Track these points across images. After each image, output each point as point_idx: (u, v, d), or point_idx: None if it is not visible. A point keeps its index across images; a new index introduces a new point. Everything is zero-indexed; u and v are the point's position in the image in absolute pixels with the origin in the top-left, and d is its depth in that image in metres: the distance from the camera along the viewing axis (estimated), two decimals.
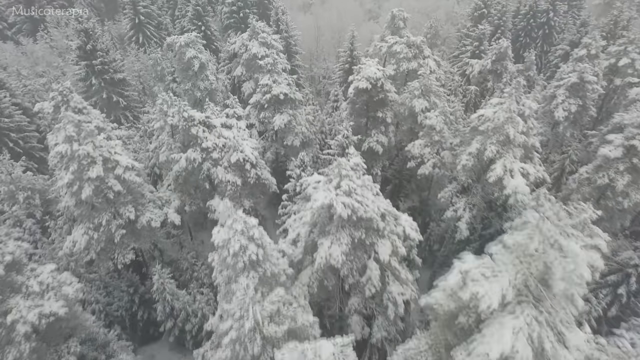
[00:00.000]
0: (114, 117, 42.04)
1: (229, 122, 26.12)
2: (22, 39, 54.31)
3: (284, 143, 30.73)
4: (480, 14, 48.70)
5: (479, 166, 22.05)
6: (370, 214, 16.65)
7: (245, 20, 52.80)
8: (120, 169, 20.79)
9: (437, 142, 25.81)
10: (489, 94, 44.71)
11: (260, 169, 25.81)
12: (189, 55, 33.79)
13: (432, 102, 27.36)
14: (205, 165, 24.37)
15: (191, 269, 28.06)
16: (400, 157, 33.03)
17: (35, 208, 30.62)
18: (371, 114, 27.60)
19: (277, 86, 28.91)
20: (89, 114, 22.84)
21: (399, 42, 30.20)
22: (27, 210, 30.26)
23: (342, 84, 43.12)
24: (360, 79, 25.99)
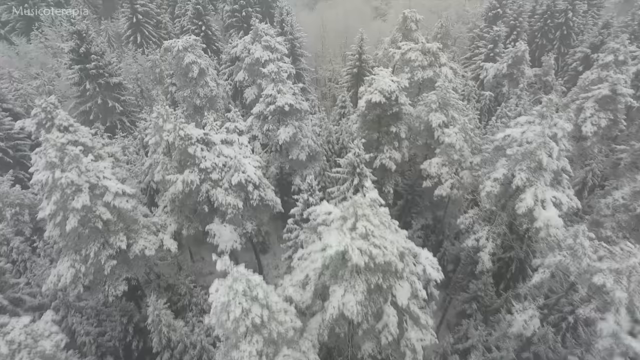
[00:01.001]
0: (109, 123, 40.10)
1: (229, 137, 24.07)
2: (14, 39, 52.13)
3: (289, 157, 28.68)
4: (494, 14, 46.28)
5: (505, 193, 19.97)
6: (389, 257, 14.66)
7: (247, 20, 50.53)
8: (109, 195, 18.81)
9: (456, 161, 23.71)
10: (504, 99, 42.50)
11: (263, 189, 23.80)
12: (188, 60, 31.72)
13: (450, 116, 25.24)
14: (203, 187, 22.37)
15: (189, 293, 26.16)
16: (414, 171, 30.96)
17: (25, 225, 28.83)
18: (384, 128, 25.50)
19: (282, 97, 26.79)
20: (76, 131, 20.82)
21: (413, 49, 27.99)
22: (16, 228, 28.48)
23: (349, 88, 40.95)
24: (372, 91, 23.85)
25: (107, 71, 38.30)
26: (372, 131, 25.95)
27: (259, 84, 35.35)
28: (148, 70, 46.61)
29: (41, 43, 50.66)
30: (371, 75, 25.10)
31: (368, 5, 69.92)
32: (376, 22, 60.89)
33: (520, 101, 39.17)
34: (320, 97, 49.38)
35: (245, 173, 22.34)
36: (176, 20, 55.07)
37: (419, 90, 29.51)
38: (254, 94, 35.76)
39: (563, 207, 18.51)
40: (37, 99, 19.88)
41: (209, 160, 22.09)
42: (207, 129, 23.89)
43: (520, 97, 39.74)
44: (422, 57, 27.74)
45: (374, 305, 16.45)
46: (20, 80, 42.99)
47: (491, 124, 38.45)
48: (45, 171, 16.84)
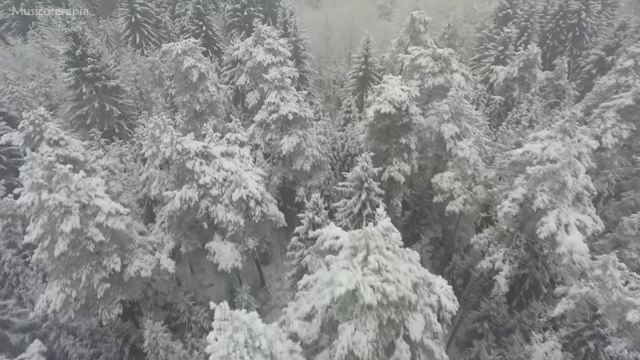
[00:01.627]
0: (107, 128, 38.87)
1: (230, 149, 22.82)
2: (10, 39, 50.80)
3: (293, 167, 27.42)
4: (504, 15, 44.71)
5: (524, 214, 18.69)
6: (402, 292, 13.46)
7: (249, 20, 49.13)
8: (102, 215, 17.62)
9: (470, 176, 22.41)
10: (515, 104, 41.06)
11: (266, 205, 22.58)
12: (187, 64, 30.39)
13: (463, 127, 23.91)
14: (203, 203, 21.15)
15: (189, 311, 25.01)
16: (422, 181, 29.67)
17: (17, 237, 27.70)
18: (393, 139, 24.18)
19: (286, 105, 25.48)
20: (67, 145, 19.56)
21: (423, 55, 26.61)
22: (8, 240, 27.36)
23: (355, 92, 39.57)
24: (382, 101, 22.52)
25: (105, 74, 37.00)
26: (381, 142, 24.64)
27: (261, 88, 34.06)
28: (147, 72, 45.31)
29: (38, 43, 49.33)
30: (380, 83, 23.74)
31: (373, 3, 68.21)
32: (381, 21, 59.22)
33: (532, 106, 37.75)
34: (324, 100, 48.00)
35: (246, 189, 21.12)
36: (176, 20, 53.64)
37: (429, 97, 28.15)
38: (255, 98, 34.47)
39: (587, 230, 17.23)
40: (25, 112, 18.63)
41: (209, 175, 20.86)
42: (207, 140, 22.64)
43: (531, 102, 38.32)
44: (432, 63, 26.38)
45: (385, 339, 15.22)
46: (15, 82, 41.67)
47: (501, 130, 37.17)
48: (31, 192, 15.62)
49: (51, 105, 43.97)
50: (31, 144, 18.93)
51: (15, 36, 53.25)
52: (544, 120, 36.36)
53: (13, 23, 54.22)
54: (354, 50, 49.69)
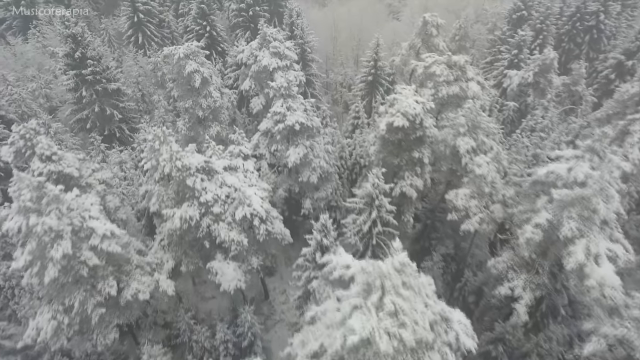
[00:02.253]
0: (108, 132, 37.80)
1: (233, 163, 21.63)
2: (10, 39, 49.75)
3: (299, 179, 26.19)
4: (519, 16, 43.06)
5: (548, 240, 17.38)
6: (420, 334, 12.27)
7: (254, 20, 47.76)
8: (96, 238, 16.51)
9: (487, 194, 21.08)
10: (529, 110, 39.52)
11: (271, 222, 21.37)
12: (190, 69, 29.16)
13: (479, 140, 22.55)
14: (204, 222, 19.98)
15: (189, 330, 23.93)
16: (434, 193, 28.37)
17: (13, 247, 26.72)
18: (405, 153, 22.88)
19: (292, 114, 24.22)
20: (60, 160, 18.43)
21: (438, 62, 25.22)
22: (3, 251, 26.42)
23: (363, 97, 38.20)
24: (395, 113, 21.19)
25: (105, 77, 35.90)
26: (392, 155, 23.34)
27: (266, 93, 32.74)
28: (150, 73, 44.19)
29: (39, 42, 48.25)
30: (389, 88, 22.40)
31: (381, 2, 66.53)
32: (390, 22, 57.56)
33: (547, 113, 36.29)
34: (331, 103, 46.65)
35: (250, 207, 19.93)
36: (180, 20, 52.38)
37: (442, 106, 26.80)
38: (260, 104, 33.19)
39: (619, 261, 15.89)
40: (15, 126, 17.51)
41: (210, 193, 19.67)
42: (209, 153, 21.46)
43: (547, 108, 36.84)
44: (447, 71, 24.99)
45: None
46: (15, 83, 40.61)
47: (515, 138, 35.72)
48: (19, 217, 14.52)
49: (52, 107, 43.02)
50: (22, 159, 17.83)
51: (16, 35, 52.23)
52: (560, 128, 34.92)
53: (14, 22, 53.20)
54: (362, 51, 48.29)
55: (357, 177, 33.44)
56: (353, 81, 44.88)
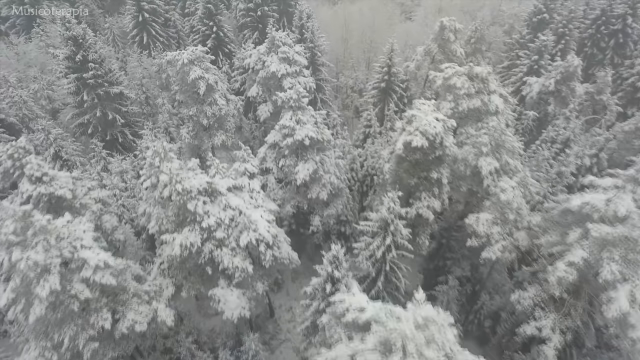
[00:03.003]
0: (110, 137, 36.52)
1: (238, 182, 20.17)
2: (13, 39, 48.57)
3: (308, 196, 24.71)
4: (540, 19, 40.99)
5: (581, 278, 15.77)
6: None
7: (263, 20, 46.17)
8: (88, 270, 15.16)
9: (511, 221, 19.44)
10: (549, 119, 37.60)
11: (277, 247, 19.95)
12: (194, 75, 27.82)
13: (503, 161, 20.90)
14: (206, 247, 18.58)
15: (190, 355, 22.65)
16: (451, 212, 26.76)
17: None
18: (422, 173, 21.28)
19: (302, 128, 22.67)
20: (52, 181, 17.10)
21: (458, 74, 23.52)
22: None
23: (376, 104, 36.52)
24: (413, 131, 19.58)
25: (107, 80, 34.57)
26: (408, 175, 21.76)
27: (274, 100, 31.26)
28: (154, 75, 42.81)
29: (42, 41, 47.02)
30: (410, 109, 20.78)
31: (393, 1, 64.37)
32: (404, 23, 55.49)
33: (569, 124, 34.40)
34: (341, 107, 45.00)
35: (256, 232, 18.50)
36: (186, 19, 50.88)
37: (460, 120, 25.07)
38: (268, 111, 31.73)
39: None
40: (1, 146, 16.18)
41: (213, 217, 18.26)
42: (212, 172, 20.01)
43: (568, 118, 34.93)
44: (468, 83, 23.30)
45: None
46: (17, 84, 39.44)
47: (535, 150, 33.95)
48: (0, 251, 13.20)
49: (54, 109, 41.87)
50: (10, 180, 16.51)
51: (20, 33, 51.11)
52: (582, 141, 33.06)
53: (17, 20, 52.04)
54: (374, 54, 46.55)
55: (368, 189, 31.93)
56: (364, 86, 43.17)
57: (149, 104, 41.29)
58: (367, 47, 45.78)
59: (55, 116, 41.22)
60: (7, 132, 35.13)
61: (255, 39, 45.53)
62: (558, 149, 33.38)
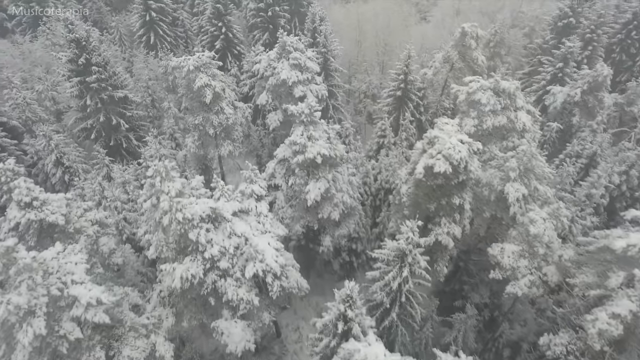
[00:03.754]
0: (114, 142, 35.32)
1: (245, 206, 18.73)
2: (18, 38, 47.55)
3: (319, 216, 23.23)
4: (565, 24, 38.78)
5: (628, 330, 14.11)
6: None
7: (274, 20, 44.55)
8: (79, 308, 13.87)
9: (541, 255, 17.79)
10: (573, 132, 35.57)
11: (286, 277, 18.53)
12: (200, 83, 26.36)
13: (532, 187, 19.20)
14: (209, 278, 17.23)
15: None
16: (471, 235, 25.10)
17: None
18: (443, 199, 19.65)
19: (314, 145, 21.13)
20: (43, 205, 15.82)
21: (483, 88, 21.76)
22: None
23: (391, 113, 34.80)
24: (435, 154, 17.95)
25: (112, 83, 33.28)
26: (427, 199, 20.14)
27: (284, 109, 29.71)
28: (160, 77, 41.51)
29: (48, 40, 45.90)
30: (431, 130, 19.14)
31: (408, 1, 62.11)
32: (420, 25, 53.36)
33: (596, 137, 32.39)
34: (353, 113, 43.34)
35: (263, 262, 17.09)
36: (194, 19, 49.40)
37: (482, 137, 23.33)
38: (278, 120, 30.18)
39: None
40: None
41: (217, 245, 16.87)
42: (217, 194, 18.60)
43: (595, 131, 32.92)
44: (494, 99, 21.54)
45: None
46: (21, 85, 38.36)
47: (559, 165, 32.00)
48: None
49: (58, 110, 40.82)
50: None
51: (27, 31, 50.11)
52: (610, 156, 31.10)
53: (24, 18, 51.01)
54: (388, 57, 44.70)
55: (381, 203, 30.38)
56: (378, 91, 41.43)
57: (155, 106, 40.01)
58: (382, 50, 43.91)
59: (59, 118, 40.19)
60: (10, 136, 34.15)
61: (266, 40, 43.95)
62: (583, 164, 31.52)
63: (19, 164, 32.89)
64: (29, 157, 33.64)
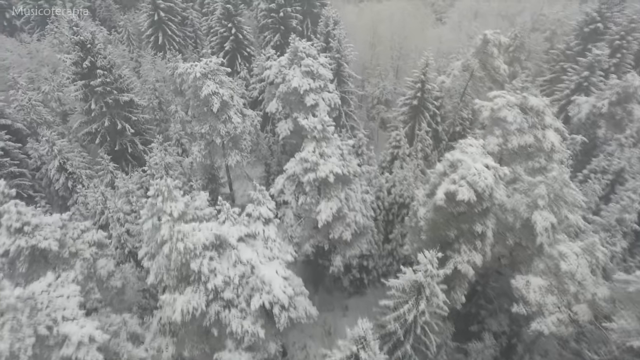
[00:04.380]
0: (119, 147, 34.34)
1: (252, 229, 17.51)
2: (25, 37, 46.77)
3: (330, 236, 21.98)
4: (592, 30, 36.82)
5: None
6: None
7: (285, 21, 43.15)
8: (70, 347, 12.81)
9: (572, 293, 16.33)
10: (599, 145, 33.75)
11: (294, 307, 17.31)
12: (207, 91, 25.22)
13: (562, 216, 17.71)
14: (212, 308, 16.08)
15: None
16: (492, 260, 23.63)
17: None
18: (465, 226, 18.26)
19: (326, 163, 19.84)
20: (35, 230, 14.75)
21: (509, 105, 20.22)
22: None
23: (406, 122, 33.29)
24: (458, 180, 16.56)
25: (117, 87, 32.23)
26: (447, 226, 18.76)
27: (294, 117, 28.45)
28: (168, 78, 40.43)
29: (56, 39, 45.03)
30: (454, 151, 17.72)
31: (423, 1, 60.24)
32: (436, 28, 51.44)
33: (624, 152, 30.60)
34: (366, 119, 41.89)
35: (270, 293, 15.88)
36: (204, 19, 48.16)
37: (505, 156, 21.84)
38: (288, 129, 28.90)
39: None
40: None
41: (221, 275, 15.70)
42: (222, 217, 17.40)
43: (623, 145, 31.12)
44: (521, 117, 20.01)
45: None
46: (27, 85, 37.50)
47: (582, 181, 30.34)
48: None
49: (64, 112, 39.94)
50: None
51: (35, 29, 49.36)
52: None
53: (32, 15, 50.25)
54: (403, 61, 43.12)
55: (394, 217, 28.98)
56: (392, 96, 39.91)
57: (162, 109, 38.96)
58: (396, 54, 42.28)
59: (65, 120, 39.33)
60: (14, 139, 33.32)
61: (277, 42, 42.61)
62: (609, 181, 29.82)
63: (22, 168, 32.89)
64: (33, 160, 32.83)
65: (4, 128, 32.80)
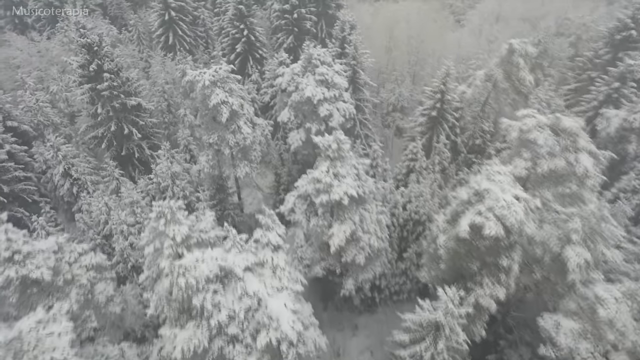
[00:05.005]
0: (126, 152, 33.44)
1: (259, 257, 16.34)
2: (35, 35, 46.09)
3: (342, 259, 20.74)
4: (624, 37, 34.75)
5: None
6: None
7: (299, 23, 41.76)
8: None
9: (610, 341, 14.88)
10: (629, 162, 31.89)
11: (303, 342, 16.12)
12: (216, 100, 24.08)
13: (598, 252, 16.21)
14: (215, 344, 14.98)
15: None
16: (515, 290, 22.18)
17: None
18: (489, 259, 16.86)
19: (340, 185, 18.58)
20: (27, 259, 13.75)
21: (540, 126, 18.69)
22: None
23: (423, 133, 31.78)
24: (484, 212, 15.15)
25: (124, 91, 31.23)
26: (470, 258, 17.37)
27: (307, 128, 27.23)
28: (177, 80, 39.36)
29: (66, 37, 44.24)
30: (480, 178, 16.29)
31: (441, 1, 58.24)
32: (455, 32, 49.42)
33: None
34: (381, 126, 40.41)
35: (277, 330, 14.71)
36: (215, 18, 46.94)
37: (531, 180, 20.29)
38: (300, 139, 27.72)
39: None
40: None
41: (225, 310, 14.57)
42: (228, 245, 16.25)
43: None
44: (552, 140, 18.47)
45: None
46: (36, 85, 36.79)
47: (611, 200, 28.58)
48: None
49: (72, 113, 39.17)
50: None
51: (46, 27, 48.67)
52: None
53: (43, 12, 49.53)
54: (420, 67, 41.51)
55: (409, 234, 27.62)
56: (408, 103, 38.39)
57: (171, 112, 37.98)
58: (414, 58, 40.63)
59: (73, 121, 38.59)
60: (20, 141, 32.68)
61: (290, 44, 41.26)
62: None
63: (27, 172, 32.18)
64: (39, 164, 32.13)
65: (10, 130, 32.17)
